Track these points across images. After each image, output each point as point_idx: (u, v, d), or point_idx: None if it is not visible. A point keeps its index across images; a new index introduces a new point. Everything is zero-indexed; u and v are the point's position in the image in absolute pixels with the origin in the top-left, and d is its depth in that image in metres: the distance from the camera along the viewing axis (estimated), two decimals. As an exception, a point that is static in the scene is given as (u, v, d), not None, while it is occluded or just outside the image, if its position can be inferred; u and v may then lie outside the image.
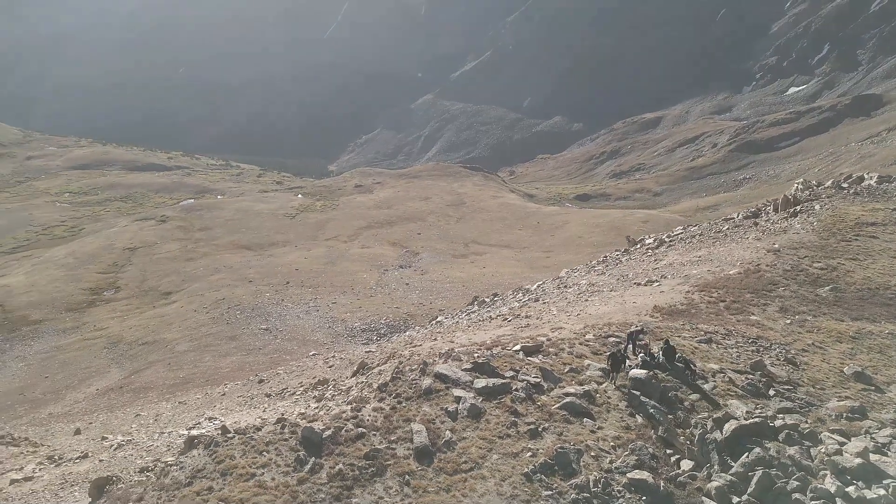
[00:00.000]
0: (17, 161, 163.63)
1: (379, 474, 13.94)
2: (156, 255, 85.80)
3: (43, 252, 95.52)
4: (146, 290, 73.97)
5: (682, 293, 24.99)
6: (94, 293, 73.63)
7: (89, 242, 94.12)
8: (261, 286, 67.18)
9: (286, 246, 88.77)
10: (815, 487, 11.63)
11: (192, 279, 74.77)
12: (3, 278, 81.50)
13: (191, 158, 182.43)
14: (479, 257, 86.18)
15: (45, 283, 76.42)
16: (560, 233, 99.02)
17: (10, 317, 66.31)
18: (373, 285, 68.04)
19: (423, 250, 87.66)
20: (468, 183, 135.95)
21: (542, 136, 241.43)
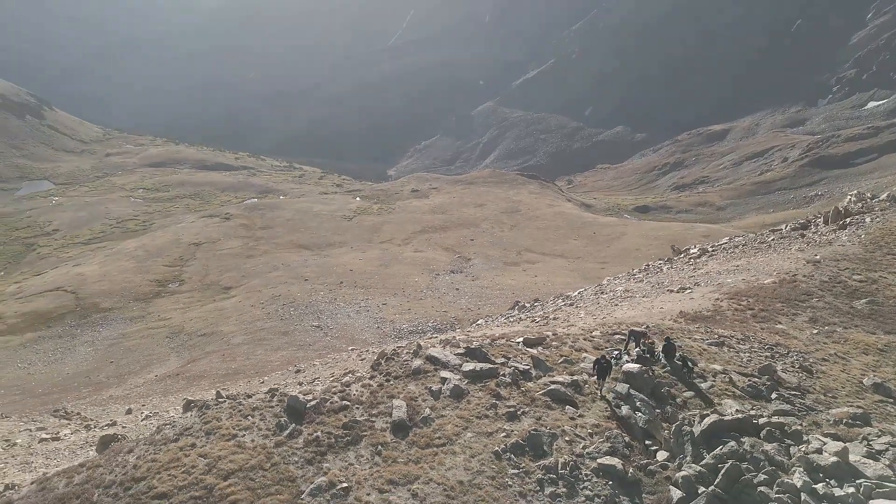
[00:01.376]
0: (98, 157, 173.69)
1: (354, 443, 14.55)
2: (219, 251, 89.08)
3: (116, 244, 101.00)
4: (208, 283, 76.88)
5: (711, 300, 25.06)
6: (161, 285, 77.02)
7: (158, 236, 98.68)
8: (315, 285, 68.83)
9: (342, 247, 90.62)
10: (782, 482, 11.51)
11: (251, 275, 77.39)
12: (78, 267, 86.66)
13: (256, 159, 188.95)
14: (531, 266, 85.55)
15: (116, 273, 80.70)
16: (616, 244, 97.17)
17: (82, 304, 70.43)
18: (423, 289, 68.62)
19: (475, 256, 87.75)
20: (524, 191, 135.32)
21: (603, 146, 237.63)
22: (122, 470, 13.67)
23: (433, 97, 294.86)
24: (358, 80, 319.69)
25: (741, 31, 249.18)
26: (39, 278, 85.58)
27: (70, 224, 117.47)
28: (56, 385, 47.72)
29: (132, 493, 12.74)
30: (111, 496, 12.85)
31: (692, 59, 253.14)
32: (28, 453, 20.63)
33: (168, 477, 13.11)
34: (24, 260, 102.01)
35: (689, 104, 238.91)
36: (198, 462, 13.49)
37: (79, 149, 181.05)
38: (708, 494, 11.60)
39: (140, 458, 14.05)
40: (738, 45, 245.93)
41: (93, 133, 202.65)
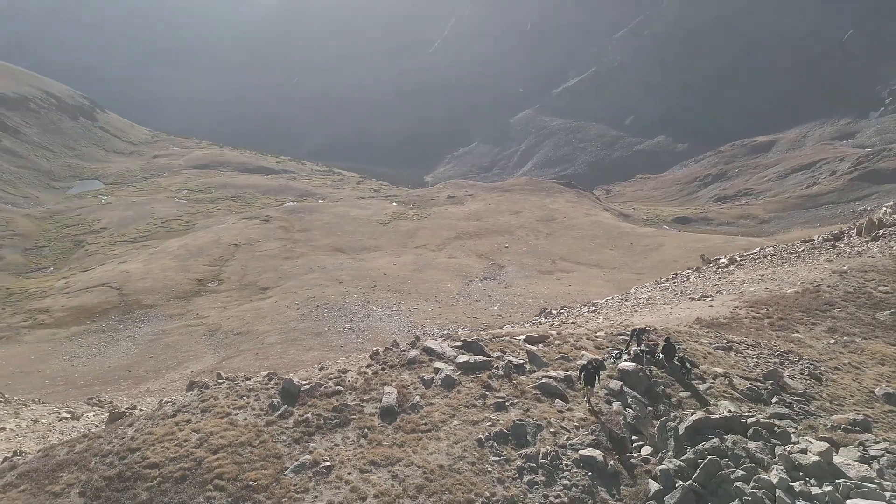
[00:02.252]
0: (145, 159, 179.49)
1: (342, 426, 15.10)
2: (257, 253, 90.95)
3: (160, 243, 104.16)
4: (246, 284, 78.54)
5: (729, 308, 25.06)
6: (200, 284, 79.01)
7: (200, 237, 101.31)
8: (350, 288, 69.64)
9: (377, 251, 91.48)
10: (758, 478, 11.50)
11: (287, 277, 78.78)
12: (123, 265, 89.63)
13: (297, 163, 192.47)
14: (565, 275, 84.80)
15: (158, 271, 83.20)
16: (654, 255, 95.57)
17: (126, 300, 72.85)
18: (455, 295, 68.73)
19: (509, 264, 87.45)
20: (560, 199, 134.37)
21: (643, 156, 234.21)
22: (120, 441, 14.53)
23: (472, 104, 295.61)
24: (398, 86, 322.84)
25: (790, 40, 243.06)
26: (86, 274, 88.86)
27: (117, 223, 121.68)
28: (97, 377, 49.40)
29: (126, 461, 13.67)
30: (106, 464, 13.73)
31: (738, 68, 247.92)
32: (47, 430, 21.81)
33: (161, 449, 13.96)
34: (72, 256, 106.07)
35: (733, 114, 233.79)
36: (190, 436, 14.30)
37: (128, 150, 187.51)
38: (684, 488, 11.72)
39: (138, 431, 14.92)
40: (787, 55, 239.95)
41: (142, 135, 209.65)
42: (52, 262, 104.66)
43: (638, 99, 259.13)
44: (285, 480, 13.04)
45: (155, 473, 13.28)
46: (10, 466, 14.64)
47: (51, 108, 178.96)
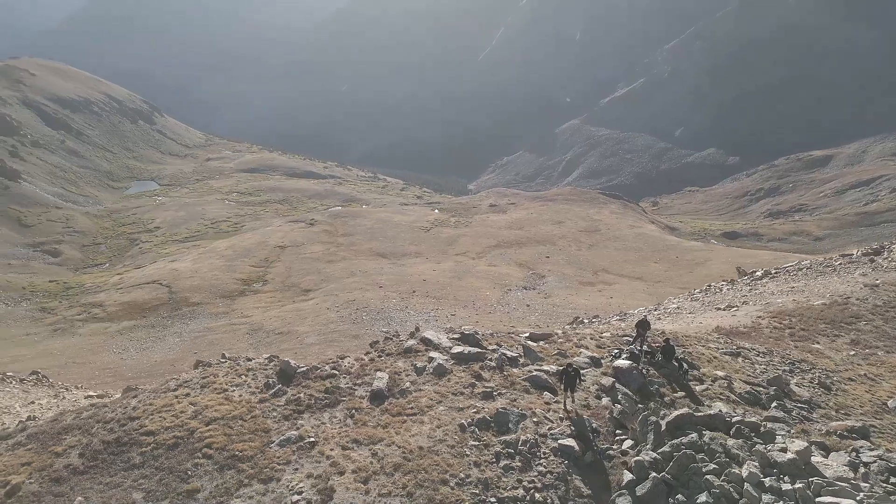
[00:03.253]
0: (199, 161, 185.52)
1: (331, 406, 15.80)
2: (301, 255, 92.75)
3: (209, 243, 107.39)
4: (289, 285, 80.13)
5: (752, 318, 24.98)
6: (246, 284, 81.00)
7: (247, 238, 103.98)
8: (389, 292, 70.34)
9: (418, 257, 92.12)
10: (729, 472, 11.53)
11: (329, 279, 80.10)
12: (174, 263, 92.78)
13: (343, 169, 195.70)
14: (607, 287, 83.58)
15: (206, 270, 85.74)
16: (700, 270, 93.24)
17: (175, 297, 75.33)
18: (494, 303, 68.59)
19: (549, 274, 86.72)
20: (605, 210, 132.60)
21: (693, 168, 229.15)
22: (123, 410, 15.62)
23: (518, 113, 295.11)
24: (444, 94, 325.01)
25: (851, 53, 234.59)
26: (139, 271, 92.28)
27: (170, 222, 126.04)
28: (144, 371, 51.22)
29: (125, 428, 14.72)
30: (107, 430, 14.84)
31: (794, 80, 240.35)
32: (71, 405, 23.01)
33: (159, 418, 14.92)
34: (127, 254, 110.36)
35: (788, 128, 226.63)
36: (187, 408, 15.24)
37: (182, 153, 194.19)
38: (655, 479, 11.87)
39: (140, 402, 15.99)
40: (847, 67, 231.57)
41: (196, 139, 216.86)
42: (108, 258, 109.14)
43: (688, 110, 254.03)
44: (270, 452, 13.75)
45: (150, 440, 14.22)
46: (22, 428, 15.80)
47: (112, 112, 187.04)
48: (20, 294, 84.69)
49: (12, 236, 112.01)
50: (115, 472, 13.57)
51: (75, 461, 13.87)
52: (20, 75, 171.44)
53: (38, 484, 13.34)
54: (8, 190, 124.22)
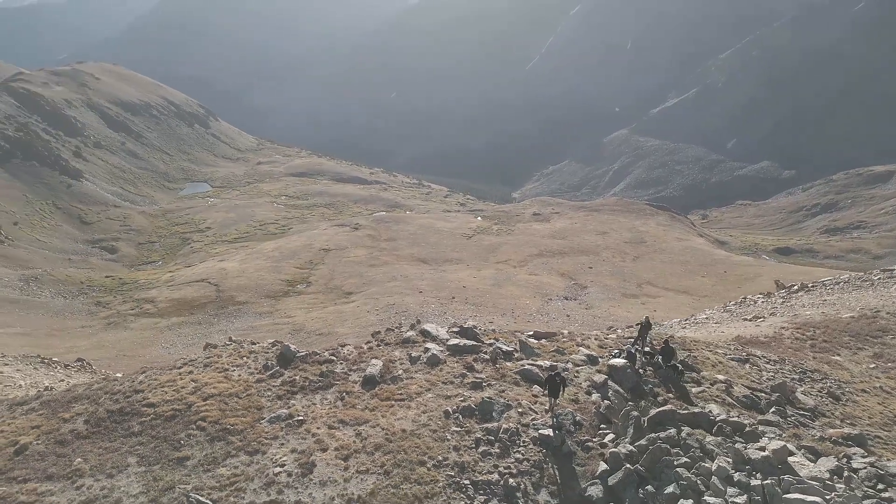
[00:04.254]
0: (250, 165, 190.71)
1: (324, 388, 16.50)
2: (345, 258, 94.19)
3: (256, 244, 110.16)
4: (332, 287, 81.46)
5: (775, 328, 24.78)
6: (290, 285, 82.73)
7: (293, 240, 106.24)
8: (428, 297, 70.76)
9: (458, 264, 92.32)
10: (700, 466, 11.63)
11: (371, 283, 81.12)
12: (222, 262, 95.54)
13: (389, 175, 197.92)
14: (650, 299, 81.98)
15: (253, 271, 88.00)
16: (749, 286, 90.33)
17: (222, 296, 77.55)
18: (533, 312, 68.15)
19: (591, 285, 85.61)
20: (651, 222, 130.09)
21: (745, 181, 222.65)
22: (130, 384, 16.68)
23: (565, 122, 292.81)
24: (491, 102, 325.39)
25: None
26: (189, 269, 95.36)
27: (221, 223, 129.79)
28: (190, 365, 52.86)
29: (129, 399, 15.80)
30: (113, 400, 15.92)
31: (854, 93, 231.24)
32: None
33: (161, 392, 15.85)
34: (179, 252, 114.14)
35: (846, 142, 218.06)
36: (188, 385, 16.20)
37: (235, 156, 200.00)
38: (627, 469, 12.12)
39: (147, 377, 17.07)
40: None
41: (248, 143, 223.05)
42: (161, 256, 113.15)
43: (742, 122, 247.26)
44: (259, 428, 14.49)
45: (150, 411, 15.16)
46: (37, 396, 16.99)
47: (170, 115, 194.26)
48: (78, 288, 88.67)
49: (74, 233, 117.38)
50: (115, 438, 14.54)
51: (80, 427, 14.99)
52: (85, 79, 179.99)
53: (43, 445, 14.47)
54: (71, 188, 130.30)
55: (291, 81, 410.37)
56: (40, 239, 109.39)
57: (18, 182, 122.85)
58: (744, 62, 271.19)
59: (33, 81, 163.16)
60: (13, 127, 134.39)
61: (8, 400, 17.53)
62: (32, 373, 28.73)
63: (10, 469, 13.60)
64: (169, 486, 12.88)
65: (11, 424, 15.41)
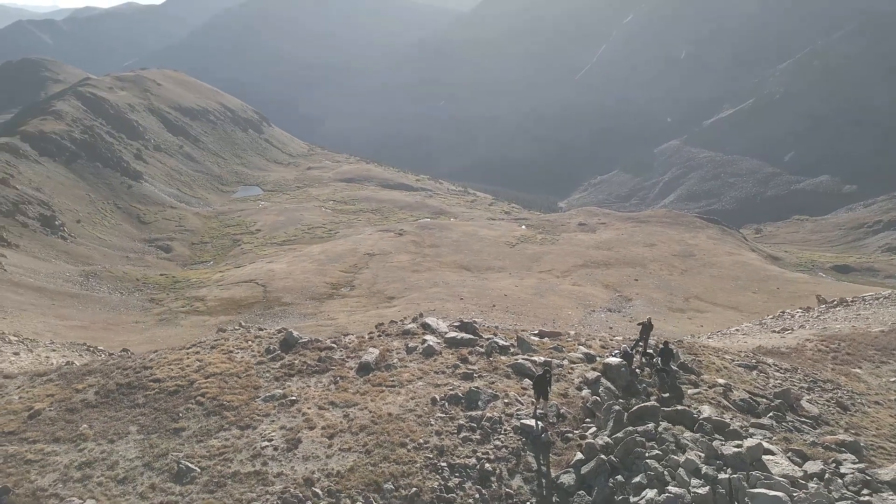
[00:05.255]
0: (300, 170, 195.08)
1: (320, 373, 17.19)
2: (388, 263, 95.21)
3: (304, 247, 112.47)
4: (374, 292, 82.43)
5: (799, 340, 24.71)
6: (334, 288, 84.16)
7: (339, 244, 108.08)
8: (469, 304, 70.79)
9: (501, 272, 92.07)
10: (669, 458, 11.79)
11: (412, 288, 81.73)
12: (270, 264, 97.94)
13: (435, 182, 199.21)
14: (698, 314, 79.92)
15: (299, 273, 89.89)
16: (802, 303, 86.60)
17: (269, 296, 79.49)
18: (575, 323, 67.32)
19: (636, 297, 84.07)
20: (702, 235, 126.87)
21: (802, 196, 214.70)
22: (140, 361, 17.92)
23: (615, 132, 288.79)
24: (539, 111, 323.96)
25: None
26: (239, 270, 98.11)
27: (270, 226, 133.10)
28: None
29: (138, 374, 16.95)
30: (123, 375, 17.13)
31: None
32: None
33: (167, 369, 16.94)
34: (229, 253, 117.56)
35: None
36: (193, 363, 17.25)
37: (286, 161, 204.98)
38: (599, 459, 12.46)
39: (157, 355, 18.22)
40: None
41: (299, 148, 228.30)
42: (213, 256, 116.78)
43: (801, 134, 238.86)
44: (253, 405, 15.29)
45: (155, 386, 16.23)
46: (57, 369, 18.30)
47: (226, 120, 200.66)
48: (134, 285, 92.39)
49: (132, 232, 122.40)
50: (121, 408, 15.68)
51: (91, 397, 16.19)
52: (148, 85, 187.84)
53: (55, 412, 15.70)
54: (131, 189, 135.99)
55: (342, 90, 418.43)
56: (101, 237, 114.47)
57: (83, 182, 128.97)
58: (803, 73, 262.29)
59: (99, 86, 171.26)
60: (79, 129, 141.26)
61: (31, 371, 19.19)
62: (77, 359, 30.60)
63: (23, 431, 14.87)
64: (163, 453, 13.92)
65: (29, 392, 16.81)
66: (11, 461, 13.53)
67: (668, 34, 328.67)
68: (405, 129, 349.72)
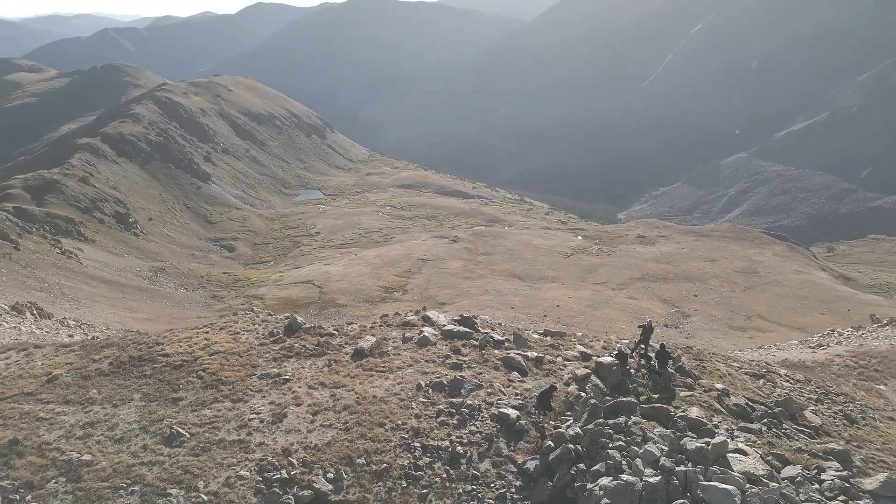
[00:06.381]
0: (360, 175, 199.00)
1: (317, 356, 18.19)
2: (441, 269, 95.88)
3: (360, 251, 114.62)
4: (426, 297, 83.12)
5: (830, 355, 24.54)
6: (387, 291, 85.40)
7: (394, 249, 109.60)
8: (520, 313, 70.46)
9: (554, 282, 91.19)
10: (630, 449, 12.07)
11: (464, 295, 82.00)
12: (327, 266, 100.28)
13: (491, 190, 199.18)
14: (760, 334, 76.85)
15: (354, 276, 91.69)
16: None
17: (324, 298, 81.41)
18: (628, 337, 65.93)
19: (695, 314, 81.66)
20: (767, 251, 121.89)
21: (880, 214, 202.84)
22: (154, 338, 19.34)
23: (679, 143, 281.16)
24: (601, 121, 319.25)
25: None
26: (297, 271, 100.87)
27: (329, 229, 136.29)
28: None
29: (150, 349, 18.39)
30: (136, 348, 18.54)
31: None
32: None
33: (177, 346, 18.33)
34: (289, 254, 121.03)
35: None
36: (200, 342, 18.66)
37: (347, 167, 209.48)
38: (565, 447, 12.90)
39: (170, 333, 19.59)
40: None
41: (360, 154, 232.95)
42: (273, 257, 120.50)
43: (880, 149, 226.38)
44: (249, 381, 16.40)
45: (163, 360, 17.61)
46: (80, 342, 20.11)
47: (291, 126, 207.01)
48: (198, 282, 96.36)
49: (199, 231, 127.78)
50: (129, 378, 17.10)
51: (105, 367, 17.66)
52: (219, 90, 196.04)
53: (70, 378, 17.20)
54: (200, 190, 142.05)
55: (405, 97, 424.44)
56: (170, 234, 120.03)
57: (156, 182, 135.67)
58: (883, 86, 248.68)
59: (175, 91, 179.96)
60: (155, 132, 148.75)
61: (57, 343, 20.91)
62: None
63: (40, 392, 16.41)
64: (159, 419, 15.12)
65: (52, 360, 18.45)
66: (25, 418, 15.02)
67: (739, 43, 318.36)
68: (463, 137, 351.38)
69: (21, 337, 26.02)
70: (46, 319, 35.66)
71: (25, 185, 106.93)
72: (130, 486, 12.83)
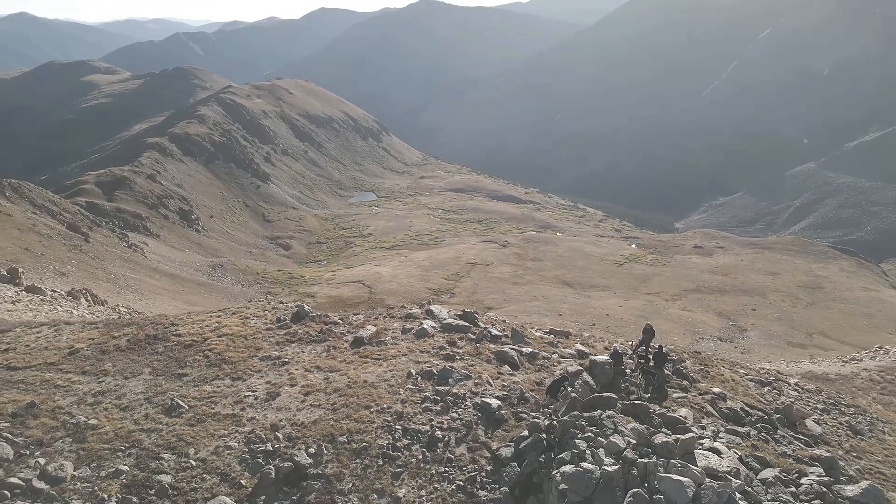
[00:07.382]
0: (414, 178, 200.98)
1: (317, 342, 19.09)
2: (489, 274, 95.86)
3: (410, 253, 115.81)
4: (474, 300, 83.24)
5: (857, 369, 24.46)
6: (435, 293, 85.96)
7: (444, 252, 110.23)
8: (567, 321, 69.65)
9: (605, 291, 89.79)
10: (597, 440, 12.28)
11: (510, 300, 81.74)
12: (378, 267, 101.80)
13: (544, 196, 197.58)
14: (821, 352, 73.35)
15: (403, 277, 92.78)
16: (949, 350, 77.61)
17: (373, 297, 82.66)
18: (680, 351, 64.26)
19: (752, 329, 78.95)
20: (833, 266, 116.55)
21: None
22: (171, 320, 20.90)
23: (741, 152, 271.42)
24: (659, 128, 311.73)
25: None
26: (349, 271, 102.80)
27: (381, 231, 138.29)
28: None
29: (166, 329, 19.98)
30: (153, 328, 20.17)
31: None
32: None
33: (189, 327, 19.88)
34: (342, 254, 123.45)
35: None
36: (211, 324, 20.04)
37: (401, 170, 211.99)
38: (537, 436, 13.32)
39: (186, 316, 21.27)
40: None
41: (414, 158, 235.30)
42: (326, 256, 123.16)
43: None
44: (250, 362, 17.55)
45: (175, 339, 19.05)
46: (105, 320, 22.09)
47: (348, 129, 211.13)
48: (254, 278, 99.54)
49: (257, 229, 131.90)
50: (142, 354, 18.58)
51: (122, 343, 19.20)
52: (281, 93, 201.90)
53: (90, 351, 18.75)
54: (259, 189, 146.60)
55: (461, 101, 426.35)
56: (229, 232, 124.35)
57: (218, 181, 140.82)
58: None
59: (239, 94, 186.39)
60: (219, 133, 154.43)
61: (84, 320, 22.83)
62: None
63: (61, 363, 17.94)
64: (163, 392, 16.34)
65: (76, 335, 20.03)
66: (45, 385, 16.57)
67: (810, 49, 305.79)
68: (518, 142, 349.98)
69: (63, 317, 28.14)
70: (100, 305, 37.89)
71: (97, 181, 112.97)
72: (128, 448, 14.02)
